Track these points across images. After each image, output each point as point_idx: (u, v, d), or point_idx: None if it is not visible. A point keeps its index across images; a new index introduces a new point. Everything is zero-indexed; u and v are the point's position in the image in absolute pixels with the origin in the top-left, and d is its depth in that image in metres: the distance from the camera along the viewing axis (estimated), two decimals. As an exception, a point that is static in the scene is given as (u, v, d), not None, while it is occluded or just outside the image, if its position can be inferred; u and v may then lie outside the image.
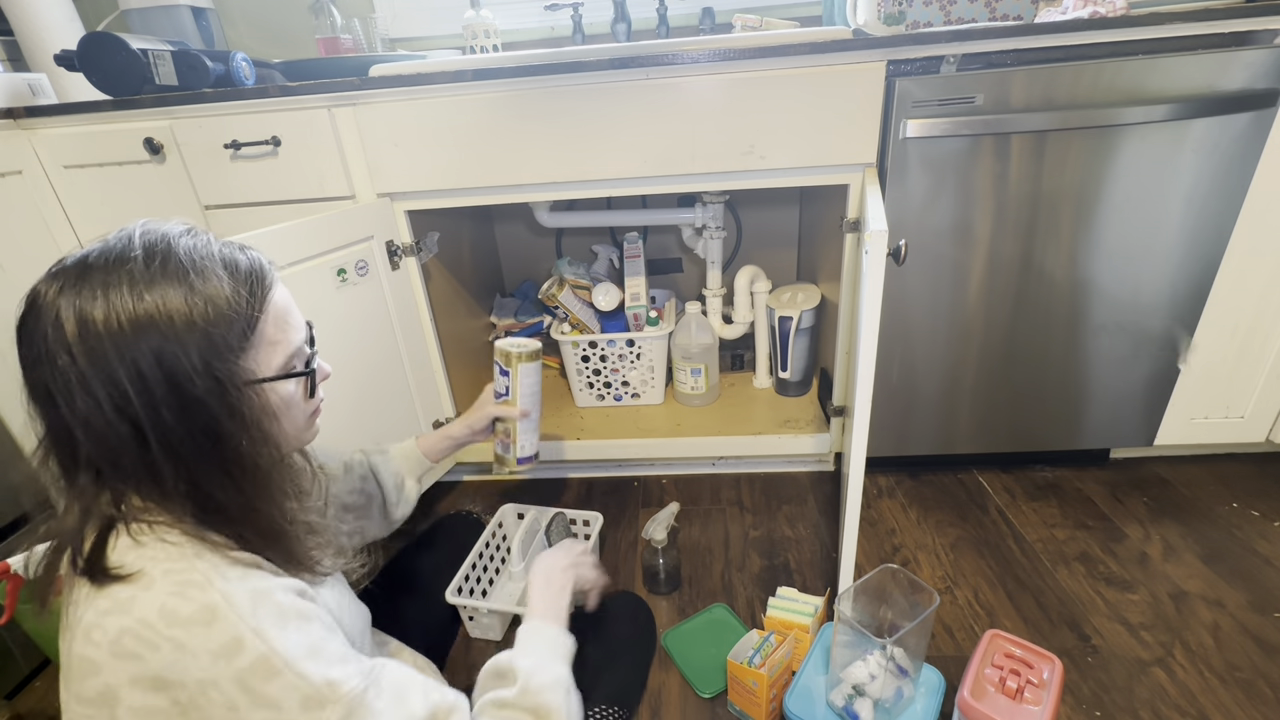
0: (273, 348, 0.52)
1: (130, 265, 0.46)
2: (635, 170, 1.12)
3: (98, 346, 0.44)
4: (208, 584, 0.45)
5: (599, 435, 1.43)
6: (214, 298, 0.47)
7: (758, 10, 1.55)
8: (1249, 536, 1.14)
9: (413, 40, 1.65)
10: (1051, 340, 1.19)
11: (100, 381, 0.44)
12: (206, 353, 0.46)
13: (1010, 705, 0.76)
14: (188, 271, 0.47)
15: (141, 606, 0.44)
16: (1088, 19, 1.00)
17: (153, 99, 1.12)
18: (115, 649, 0.44)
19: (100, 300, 0.44)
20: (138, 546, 0.46)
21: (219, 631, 0.44)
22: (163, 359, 0.45)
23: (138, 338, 0.44)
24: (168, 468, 0.46)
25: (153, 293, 0.45)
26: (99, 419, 0.44)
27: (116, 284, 0.45)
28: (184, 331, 0.45)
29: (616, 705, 0.82)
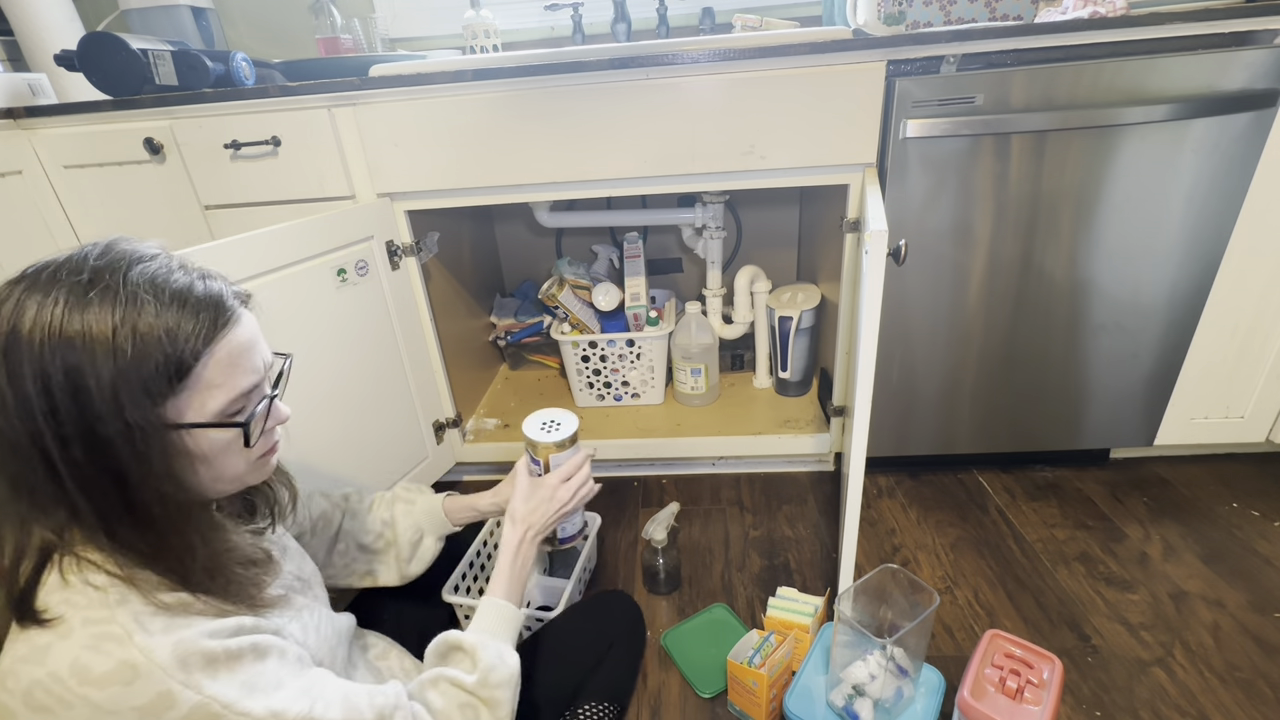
0: (211, 391, 0.48)
1: (75, 280, 0.43)
2: (635, 170, 1.12)
3: (16, 359, 0.41)
4: (127, 638, 0.43)
5: (599, 435, 1.43)
6: (146, 333, 0.44)
7: (758, 10, 1.55)
8: (1249, 536, 1.14)
9: (413, 40, 1.65)
10: (1051, 340, 1.19)
11: (15, 397, 0.41)
12: (121, 391, 0.43)
13: (1010, 705, 0.76)
14: (128, 300, 0.44)
15: (55, 658, 0.42)
16: (1088, 19, 1.00)
17: (153, 99, 1.12)
18: (28, 700, 0.42)
19: (33, 311, 0.42)
20: (64, 587, 0.44)
21: (142, 689, 0.42)
22: (76, 388, 0.42)
23: (54, 356, 0.41)
24: (78, 500, 0.44)
25: (85, 314, 0.42)
26: (20, 438, 0.42)
27: (55, 298, 0.42)
28: (102, 362, 0.42)
29: (608, 701, 0.83)
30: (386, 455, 1.20)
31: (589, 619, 0.90)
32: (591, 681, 0.83)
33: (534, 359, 1.78)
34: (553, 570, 1.11)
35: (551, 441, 0.84)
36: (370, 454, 1.16)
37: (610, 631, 0.89)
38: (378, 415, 1.17)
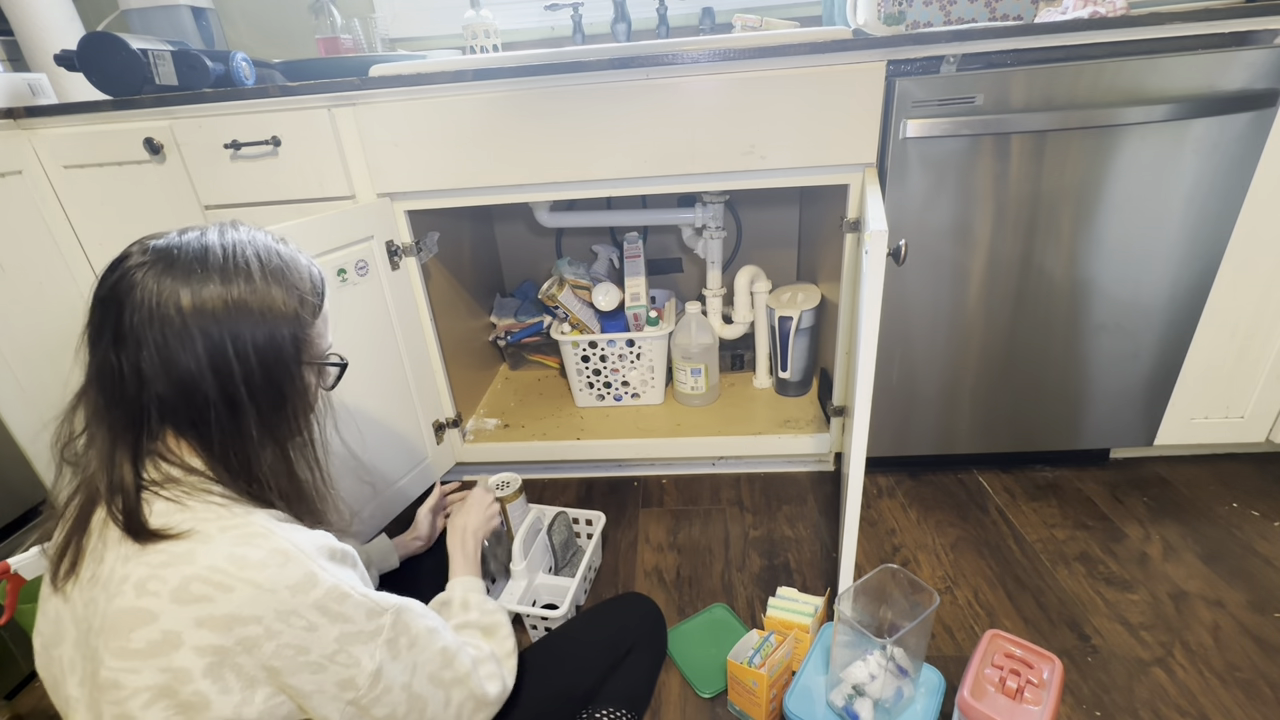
0: (319, 339, 0.61)
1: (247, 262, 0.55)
2: (635, 170, 1.12)
3: (212, 316, 0.52)
4: (270, 533, 0.51)
5: (599, 435, 1.43)
6: (302, 293, 0.58)
7: (758, 10, 1.54)
8: (1249, 536, 1.14)
9: (413, 40, 1.65)
10: (1051, 340, 1.19)
11: (205, 341, 0.51)
12: (293, 330, 0.57)
13: (1010, 705, 0.76)
14: (286, 274, 0.57)
15: (207, 556, 0.49)
16: (1088, 19, 1.00)
17: (153, 99, 1.12)
18: (179, 595, 0.48)
19: (218, 285, 0.53)
20: (184, 509, 0.51)
21: (293, 570, 0.50)
22: (260, 333, 0.54)
23: (243, 316, 0.53)
24: (240, 417, 0.54)
25: (263, 286, 0.55)
26: (195, 369, 0.51)
27: (234, 275, 0.54)
28: (281, 314, 0.56)
29: (626, 709, 0.82)
30: (387, 455, 1.20)
31: (608, 621, 0.89)
32: (608, 685, 0.83)
33: (534, 359, 1.78)
34: (558, 570, 1.11)
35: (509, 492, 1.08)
36: (371, 454, 1.16)
37: (629, 635, 0.88)
38: (378, 415, 1.17)
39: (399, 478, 1.23)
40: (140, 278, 0.51)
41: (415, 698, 0.57)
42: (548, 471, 1.47)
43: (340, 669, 0.52)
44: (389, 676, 0.55)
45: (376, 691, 0.54)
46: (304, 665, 0.51)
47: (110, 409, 0.52)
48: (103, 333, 0.52)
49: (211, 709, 0.48)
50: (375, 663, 0.54)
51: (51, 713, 1.00)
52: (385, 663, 0.55)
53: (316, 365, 0.61)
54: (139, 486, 0.52)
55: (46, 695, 1.03)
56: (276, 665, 0.50)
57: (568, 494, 1.40)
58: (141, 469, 0.52)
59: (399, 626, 0.56)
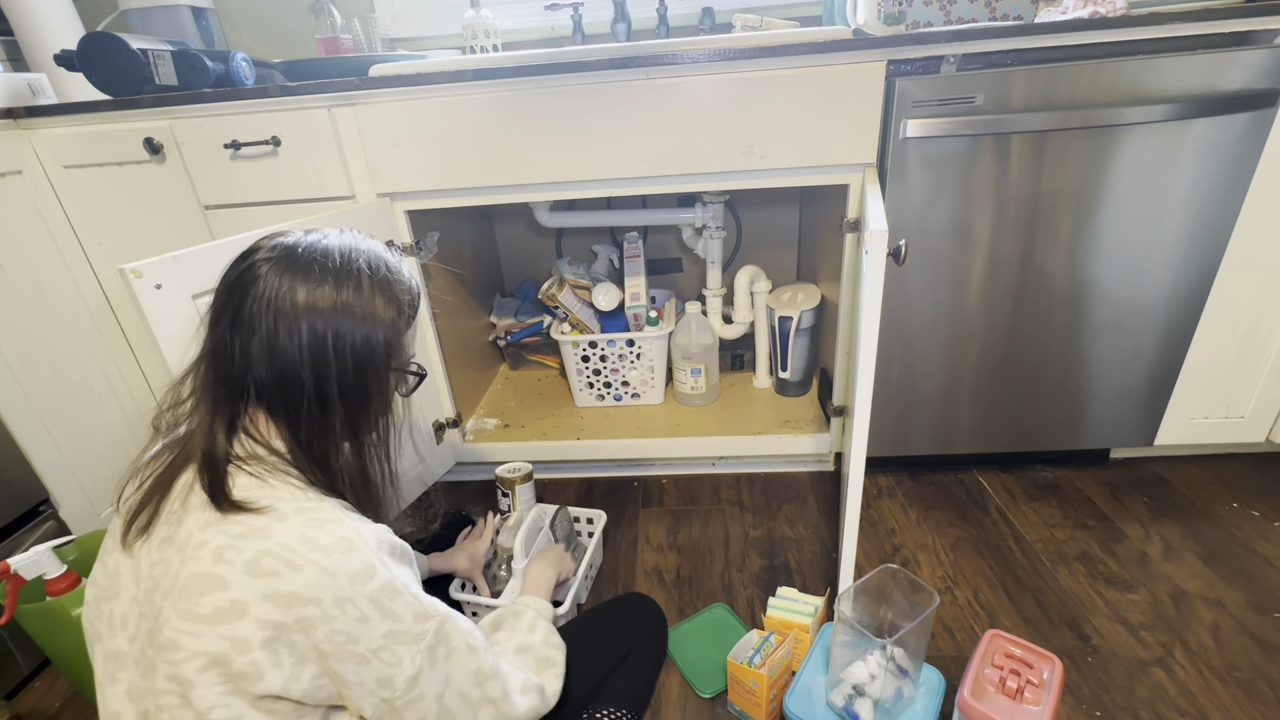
0: (404, 350, 0.65)
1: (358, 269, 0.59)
2: (635, 170, 1.12)
3: (320, 314, 0.56)
4: (340, 521, 0.54)
5: (599, 435, 1.43)
6: (401, 303, 0.62)
7: (758, 10, 1.54)
8: (1249, 536, 1.14)
9: (413, 40, 1.65)
10: (1051, 340, 1.19)
11: (310, 335, 0.55)
12: (388, 336, 0.60)
13: (1010, 705, 0.76)
14: (391, 284, 0.62)
15: (280, 534, 0.52)
16: (1088, 19, 1.00)
17: (153, 99, 1.12)
18: (252, 567, 0.50)
19: (330, 286, 0.57)
20: (264, 485, 0.55)
21: (355, 559, 0.52)
22: (359, 335, 0.58)
23: (347, 318, 0.57)
24: (328, 411, 0.58)
25: (369, 292, 0.59)
26: (297, 359, 0.55)
27: (345, 278, 0.58)
28: (380, 320, 0.59)
29: (626, 709, 0.82)
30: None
31: (610, 621, 0.90)
32: (608, 685, 0.83)
33: (534, 359, 1.78)
34: None
35: (518, 475, 1.17)
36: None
37: (630, 635, 0.89)
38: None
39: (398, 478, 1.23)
40: (265, 271, 0.56)
41: (445, 710, 0.59)
42: (548, 471, 1.47)
43: (382, 665, 0.54)
44: (424, 683, 0.56)
45: (411, 695, 0.56)
46: (350, 655, 0.52)
47: (217, 384, 0.57)
48: (223, 315, 0.56)
49: (264, 680, 0.50)
50: (415, 667, 0.55)
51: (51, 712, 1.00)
52: (424, 669, 0.56)
53: (401, 371, 0.65)
54: (228, 458, 0.55)
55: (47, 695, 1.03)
56: (327, 649, 0.52)
57: (568, 494, 1.40)
58: (232, 443, 0.56)
59: (441, 635, 0.58)
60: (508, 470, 1.18)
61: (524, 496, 1.16)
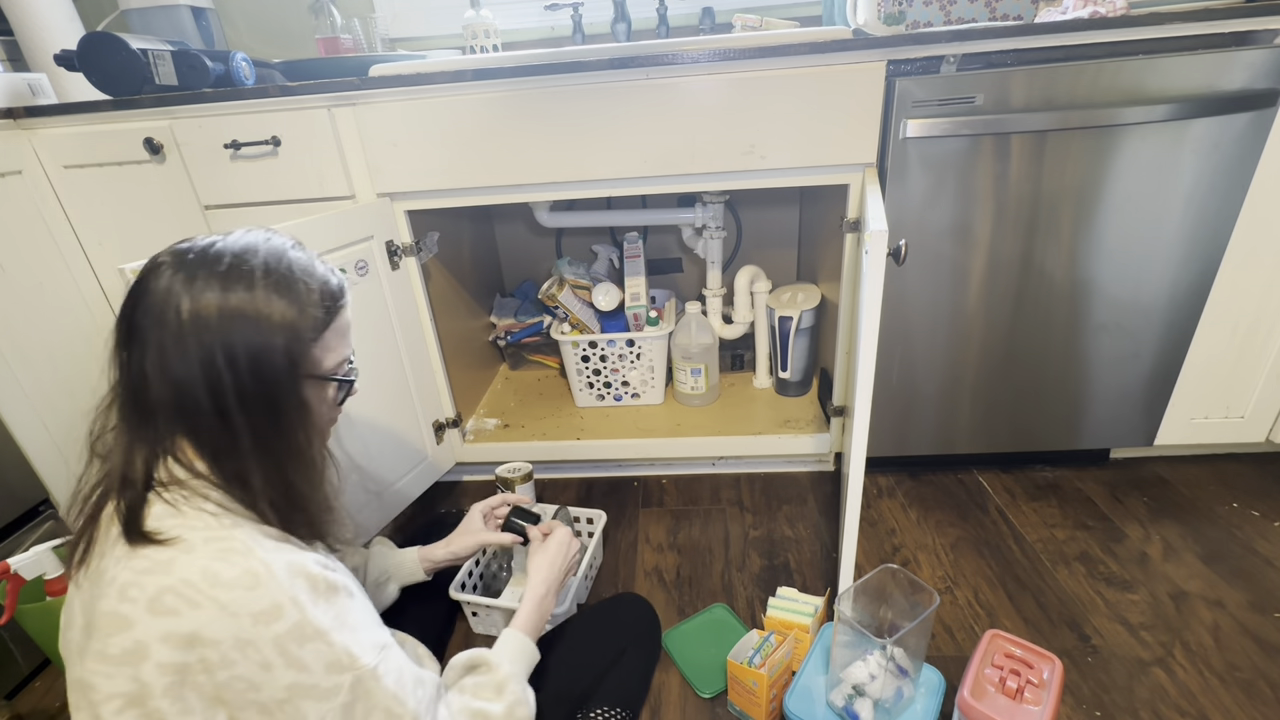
0: (328, 353, 0.60)
1: (249, 268, 0.54)
2: (635, 170, 1.12)
3: (205, 323, 0.51)
4: (249, 552, 0.50)
5: (599, 435, 1.43)
6: (305, 304, 0.56)
7: (758, 10, 1.54)
8: (1249, 536, 1.14)
9: (413, 40, 1.65)
10: (1051, 340, 1.19)
11: (198, 348, 0.51)
12: (289, 341, 0.55)
13: (1010, 705, 0.76)
14: (291, 284, 0.56)
15: (183, 568, 0.48)
16: (1088, 19, 1.00)
17: (153, 99, 1.11)
18: (153, 606, 0.47)
19: (217, 291, 0.52)
20: (177, 514, 0.51)
21: (261, 596, 0.48)
22: (253, 343, 0.53)
23: (237, 325, 0.52)
24: (232, 428, 0.53)
25: (263, 294, 0.54)
26: (188, 375, 0.51)
27: (234, 282, 0.53)
28: (278, 325, 0.54)
29: (620, 708, 0.82)
30: (387, 455, 1.20)
31: (603, 621, 0.90)
32: (603, 685, 0.83)
33: (534, 359, 1.78)
34: None
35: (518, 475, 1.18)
36: (371, 454, 1.16)
37: (624, 635, 0.89)
38: (377, 415, 1.17)
39: (399, 478, 1.23)
40: (153, 280, 0.52)
41: None
42: (548, 471, 1.47)
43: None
44: None
45: None
46: (252, 704, 0.49)
47: (125, 406, 0.53)
48: (119, 329, 0.53)
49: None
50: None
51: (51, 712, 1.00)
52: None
53: (318, 379, 0.59)
54: (148, 485, 0.52)
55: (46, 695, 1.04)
56: (227, 696, 0.48)
57: (568, 494, 1.40)
58: (155, 468, 0.53)
59: (359, 690, 0.52)
60: (508, 470, 1.18)
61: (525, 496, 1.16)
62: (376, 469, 1.17)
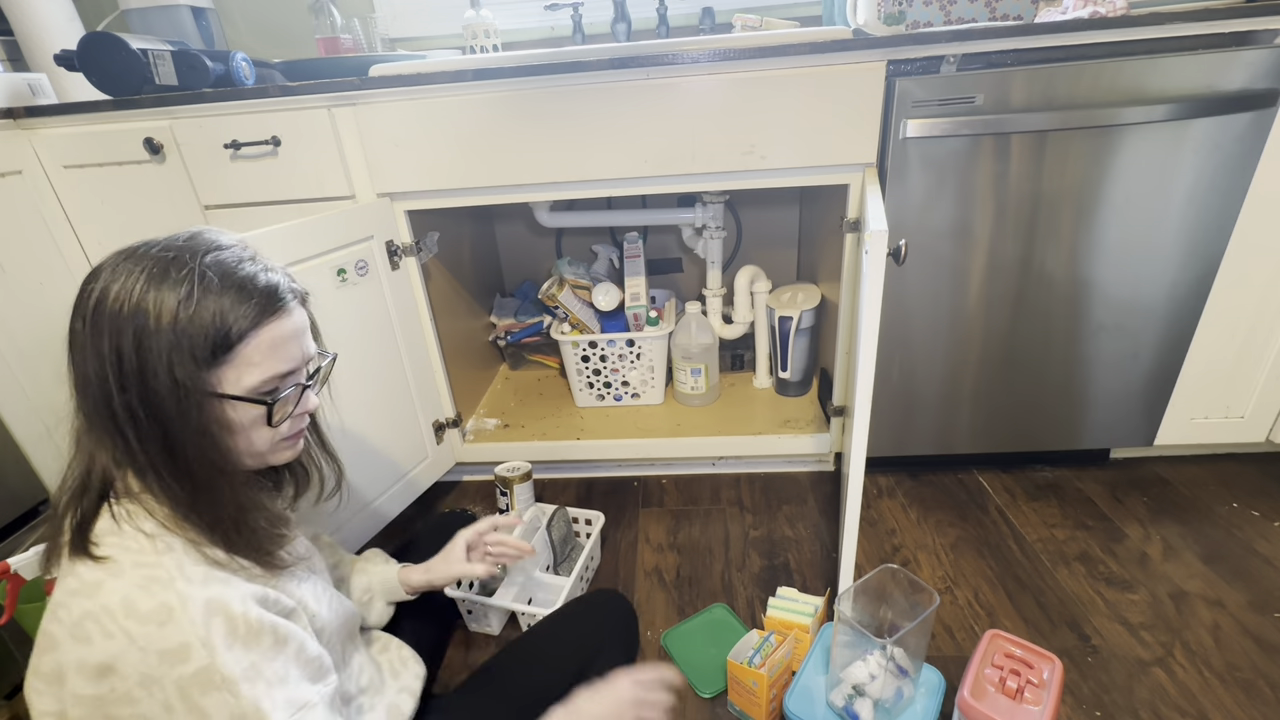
0: (249, 368, 0.53)
1: (161, 258, 0.50)
2: (635, 170, 1.12)
3: (99, 319, 0.48)
4: (169, 583, 0.47)
5: (599, 435, 1.43)
6: (202, 310, 0.50)
7: (758, 10, 1.54)
8: (1249, 536, 1.14)
9: (413, 40, 1.65)
10: (1052, 340, 1.19)
11: (93, 349, 0.48)
12: (173, 354, 0.49)
13: (1010, 705, 0.76)
14: (198, 280, 0.50)
15: (107, 594, 0.46)
16: (1088, 19, 1.00)
17: (153, 99, 1.12)
18: (74, 631, 0.46)
19: (122, 279, 0.49)
20: (116, 531, 0.49)
21: (171, 634, 0.45)
22: (140, 347, 0.48)
23: (129, 319, 0.48)
24: (130, 438, 0.49)
25: (160, 288, 0.49)
26: (92, 380, 0.49)
27: (141, 271, 0.49)
28: (164, 329, 0.49)
29: None
30: (387, 455, 1.20)
31: (577, 620, 0.88)
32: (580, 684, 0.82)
33: (534, 359, 1.78)
34: (557, 566, 1.11)
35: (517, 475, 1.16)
36: (370, 454, 1.16)
37: (599, 632, 0.87)
38: (378, 415, 1.17)
39: (399, 478, 1.23)
40: (87, 282, 0.50)
41: None
42: (548, 471, 1.47)
43: None
44: None
45: None
46: None
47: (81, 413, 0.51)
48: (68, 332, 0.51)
49: None
50: None
51: (51, 713, 1.00)
52: None
53: (225, 399, 0.52)
54: (103, 495, 0.50)
55: (46, 695, 1.03)
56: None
57: (568, 494, 1.40)
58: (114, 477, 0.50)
59: None
60: (506, 469, 1.18)
61: (523, 495, 1.16)
62: (375, 469, 1.17)
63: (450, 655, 1.02)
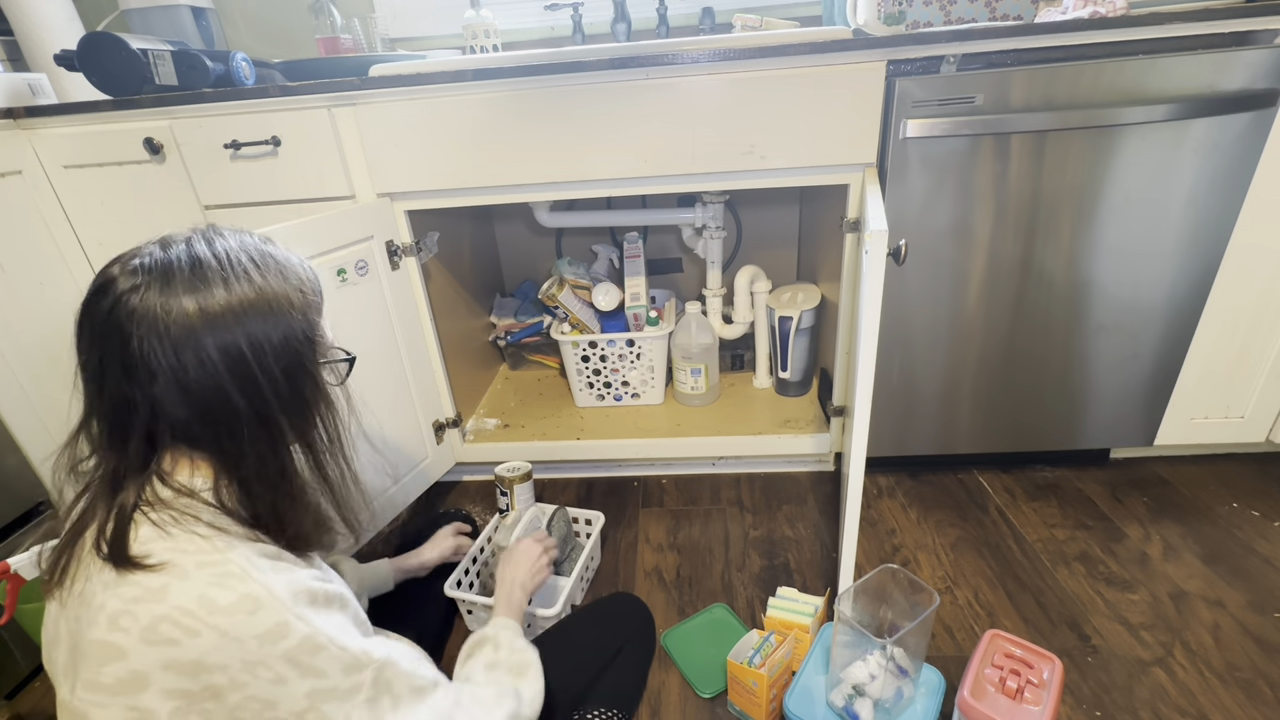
0: (327, 334, 0.60)
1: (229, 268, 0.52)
2: (635, 170, 1.12)
3: (220, 327, 0.50)
4: (246, 575, 0.49)
5: (599, 435, 1.43)
6: (305, 288, 0.57)
7: (758, 10, 1.54)
8: (1249, 536, 1.14)
9: (413, 40, 1.65)
10: (1051, 340, 1.19)
11: (222, 358, 0.50)
12: (303, 325, 0.55)
13: (1010, 705, 0.76)
14: (286, 270, 0.56)
15: (178, 595, 0.47)
16: (1088, 19, 1.00)
17: (153, 99, 1.11)
18: (148, 635, 0.46)
19: (222, 293, 0.50)
20: (166, 538, 0.49)
21: (263, 618, 0.48)
22: (273, 333, 0.52)
23: (251, 320, 0.51)
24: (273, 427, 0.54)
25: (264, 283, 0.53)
26: (208, 385, 0.50)
27: (228, 279, 0.51)
28: (288, 309, 0.54)
29: (616, 709, 0.82)
30: (386, 455, 1.20)
31: (597, 622, 0.89)
32: (598, 687, 0.83)
33: (534, 359, 1.78)
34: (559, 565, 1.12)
35: (517, 475, 1.17)
36: (370, 454, 1.16)
37: (619, 635, 0.89)
38: (378, 415, 1.17)
39: (399, 478, 1.23)
40: (138, 302, 0.48)
41: None
42: (548, 471, 1.47)
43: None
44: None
45: None
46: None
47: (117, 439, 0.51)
48: (107, 366, 0.49)
49: None
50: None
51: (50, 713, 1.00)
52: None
53: (330, 362, 0.60)
54: (136, 506, 0.50)
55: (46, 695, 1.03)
56: (244, 717, 0.48)
57: (568, 494, 1.40)
58: (142, 492, 0.51)
59: (380, 684, 0.53)
60: (506, 469, 1.18)
61: (523, 495, 1.16)
62: (375, 469, 1.17)
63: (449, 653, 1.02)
